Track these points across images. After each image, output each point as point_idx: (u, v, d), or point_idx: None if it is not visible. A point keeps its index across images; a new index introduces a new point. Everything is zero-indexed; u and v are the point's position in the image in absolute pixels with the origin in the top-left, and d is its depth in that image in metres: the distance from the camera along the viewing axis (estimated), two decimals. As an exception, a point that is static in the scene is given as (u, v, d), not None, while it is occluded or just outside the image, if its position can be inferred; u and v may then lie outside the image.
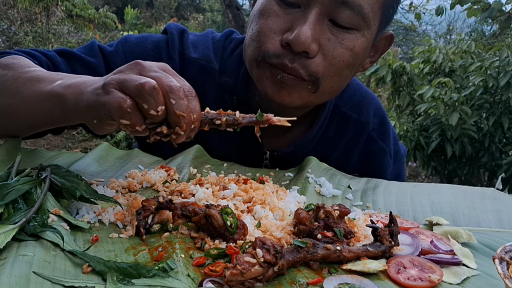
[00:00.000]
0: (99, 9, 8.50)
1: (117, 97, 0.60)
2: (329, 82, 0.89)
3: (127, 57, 1.01)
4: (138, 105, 0.60)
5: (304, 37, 0.82)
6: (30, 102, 0.77)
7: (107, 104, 0.60)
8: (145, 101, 0.60)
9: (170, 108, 0.61)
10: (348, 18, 0.84)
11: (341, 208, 0.67)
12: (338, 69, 0.88)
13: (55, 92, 0.72)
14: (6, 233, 0.56)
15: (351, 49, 0.87)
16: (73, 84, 0.70)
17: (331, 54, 0.86)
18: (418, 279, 0.58)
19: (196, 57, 1.02)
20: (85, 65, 0.98)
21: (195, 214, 0.67)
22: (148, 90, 0.59)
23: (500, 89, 3.55)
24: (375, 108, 1.14)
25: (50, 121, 0.79)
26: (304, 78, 0.87)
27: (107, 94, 0.61)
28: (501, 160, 3.65)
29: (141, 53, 1.01)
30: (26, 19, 8.03)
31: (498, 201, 0.87)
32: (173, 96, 0.61)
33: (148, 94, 0.59)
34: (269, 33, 0.86)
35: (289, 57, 0.85)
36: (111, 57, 1.00)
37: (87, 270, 0.53)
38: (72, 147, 5.28)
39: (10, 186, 0.64)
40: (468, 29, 9.08)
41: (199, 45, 1.04)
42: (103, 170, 0.90)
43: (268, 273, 0.55)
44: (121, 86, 0.61)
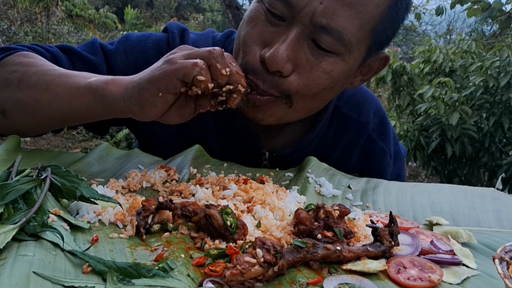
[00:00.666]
0: (99, 9, 8.50)
1: (189, 61, 0.69)
2: (302, 101, 0.88)
3: (128, 55, 1.01)
4: (211, 66, 0.71)
5: (279, 57, 0.80)
6: (65, 98, 0.79)
7: (181, 68, 0.69)
8: (218, 62, 0.71)
9: (232, 68, 0.73)
10: (328, 42, 0.81)
11: (341, 208, 0.67)
12: (312, 90, 0.86)
13: (95, 86, 0.76)
14: (6, 233, 0.56)
15: (328, 73, 0.84)
16: (114, 78, 0.77)
17: (307, 75, 0.84)
18: (418, 279, 0.58)
19: None
20: (85, 63, 0.99)
21: (195, 214, 0.67)
22: (218, 53, 0.71)
23: (501, 89, 3.55)
24: (375, 108, 1.14)
25: (86, 115, 0.83)
26: (276, 96, 0.85)
27: (175, 63, 0.70)
28: (501, 160, 3.65)
29: (142, 51, 1.01)
30: (26, 19, 8.03)
31: (498, 201, 0.87)
32: (230, 61, 0.74)
33: (219, 56, 0.71)
34: (251, 44, 0.85)
35: (262, 76, 0.83)
36: (112, 56, 1.01)
37: (87, 270, 0.53)
38: (72, 147, 5.29)
39: (10, 186, 0.64)
40: (468, 29, 9.08)
41: (200, 44, 1.04)
42: (103, 170, 0.90)
43: (268, 273, 0.55)
44: (188, 57, 0.71)
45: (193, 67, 0.69)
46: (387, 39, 0.89)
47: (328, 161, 1.04)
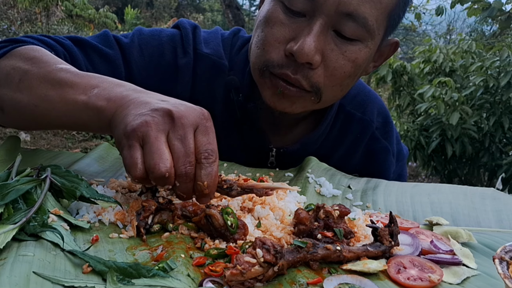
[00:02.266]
0: (99, 9, 8.50)
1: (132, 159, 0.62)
2: (331, 92, 0.90)
3: (143, 49, 1.00)
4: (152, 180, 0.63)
5: (308, 48, 0.81)
6: (62, 110, 0.75)
7: (124, 158, 0.63)
8: (153, 180, 0.62)
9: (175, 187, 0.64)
10: (353, 30, 0.83)
11: (341, 208, 0.67)
12: (340, 80, 0.88)
13: (92, 105, 0.71)
14: (6, 233, 0.56)
15: (353, 61, 0.86)
16: (112, 98, 0.70)
17: (333, 65, 0.86)
18: (418, 279, 0.58)
19: (208, 53, 1.02)
20: (103, 57, 0.97)
21: (195, 214, 0.67)
22: (157, 176, 0.61)
23: (501, 89, 3.55)
24: (378, 107, 1.15)
25: (81, 128, 0.80)
26: (306, 90, 0.87)
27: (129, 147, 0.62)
28: (501, 160, 3.65)
29: (156, 45, 1.01)
30: (26, 19, 8.03)
31: (498, 201, 0.87)
32: (179, 180, 0.63)
33: (157, 179, 0.62)
34: (274, 42, 0.86)
35: (292, 68, 0.85)
36: (127, 49, 0.99)
37: (87, 270, 0.53)
38: (72, 147, 5.29)
39: (10, 186, 0.64)
40: (468, 29, 9.08)
41: (210, 41, 1.05)
42: (103, 170, 0.90)
43: (268, 273, 0.55)
44: (144, 144, 0.62)
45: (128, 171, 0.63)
46: (399, 21, 0.92)
47: (332, 159, 1.05)
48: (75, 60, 0.94)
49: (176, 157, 0.62)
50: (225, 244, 0.63)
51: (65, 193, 0.68)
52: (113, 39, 1.00)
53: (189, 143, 0.63)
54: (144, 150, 0.62)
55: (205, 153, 0.63)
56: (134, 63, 0.99)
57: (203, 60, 1.02)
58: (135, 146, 0.62)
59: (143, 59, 1.00)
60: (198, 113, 0.65)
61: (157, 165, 0.60)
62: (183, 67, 1.00)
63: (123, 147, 0.63)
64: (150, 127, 0.62)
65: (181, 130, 0.63)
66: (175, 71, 1.01)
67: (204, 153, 0.63)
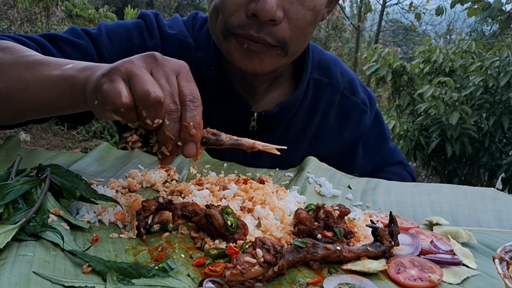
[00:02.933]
0: (99, 9, 8.50)
1: (116, 90, 0.58)
2: (297, 43, 0.94)
3: (111, 36, 1.04)
4: (137, 108, 0.59)
5: (269, 6, 0.84)
6: (36, 86, 0.74)
7: (105, 93, 0.58)
8: (146, 110, 0.59)
9: (162, 127, 0.61)
10: None
11: (341, 208, 0.67)
12: (303, 30, 0.92)
13: (67, 75, 0.70)
14: (6, 233, 0.56)
15: (312, 9, 0.90)
16: (87, 67, 0.69)
17: (296, 17, 0.89)
18: (418, 279, 0.58)
19: (174, 33, 1.07)
20: (75, 47, 0.99)
21: (195, 214, 0.67)
22: (153, 101, 0.58)
23: (500, 89, 3.54)
24: (340, 68, 1.21)
25: (56, 106, 0.77)
26: (272, 45, 0.90)
27: (110, 81, 0.59)
28: (501, 160, 3.65)
29: (123, 32, 1.05)
30: (26, 19, 8.03)
31: (498, 201, 0.87)
32: (169, 117, 0.60)
33: (151, 105, 0.58)
34: (233, 6, 0.88)
35: (254, 28, 0.87)
36: (97, 38, 1.02)
37: (87, 270, 0.53)
38: (72, 147, 5.29)
39: (10, 186, 0.64)
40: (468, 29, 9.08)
41: (173, 24, 1.09)
42: (103, 170, 0.90)
43: (268, 273, 0.55)
44: (129, 78, 0.59)
45: (112, 103, 0.58)
46: None
47: (312, 125, 1.13)
48: (48, 54, 0.95)
49: (164, 94, 0.60)
50: (225, 244, 0.63)
51: (65, 193, 0.68)
52: (81, 31, 1.03)
53: (174, 83, 0.62)
54: (131, 82, 0.59)
55: (190, 95, 0.62)
56: (105, 50, 1.02)
57: (170, 40, 1.06)
58: (117, 79, 0.59)
59: (113, 45, 1.03)
60: (180, 62, 0.65)
61: (152, 90, 0.58)
62: (152, 49, 1.03)
63: (102, 84, 0.59)
64: (133, 64, 0.61)
65: (165, 71, 0.62)
66: None
67: (189, 95, 0.62)
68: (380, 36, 9.33)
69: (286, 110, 1.09)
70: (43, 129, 5.69)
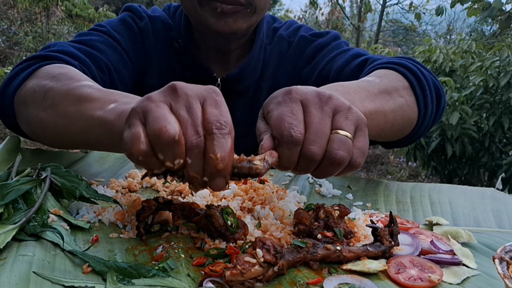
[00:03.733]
0: (98, 8, 8.50)
1: (134, 136, 0.52)
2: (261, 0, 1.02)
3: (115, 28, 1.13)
4: (154, 151, 0.52)
5: None
6: (79, 126, 0.72)
7: (124, 142, 0.53)
8: (161, 152, 0.52)
9: (186, 166, 0.53)
10: None
11: (341, 208, 0.67)
12: None
13: (106, 119, 0.66)
14: (6, 233, 0.56)
15: None
16: (125, 111, 0.62)
17: None
18: (418, 279, 0.58)
19: (158, 15, 1.18)
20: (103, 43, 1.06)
21: (195, 214, 0.67)
22: (166, 140, 0.50)
23: (501, 89, 3.54)
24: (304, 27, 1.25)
25: (98, 146, 0.77)
26: (242, 4, 0.99)
27: (129, 127, 0.53)
28: (501, 160, 3.65)
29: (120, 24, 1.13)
30: (26, 19, 8.03)
31: (498, 201, 0.87)
32: (190, 154, 0.52)
33: (166, 145, 0.51)
34: None
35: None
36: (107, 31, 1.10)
37: (87, 270, 0.53)
38: (72, 147, 5.28)
39: (10, 186, 0.64)
40: (468, 29, 9.08)
41: (155, 10, 1.21)
42: (103, 170, 0.90)
43: (268, 273, 0.55)
44: (145, 119, 0.53)
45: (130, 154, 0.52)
46: None
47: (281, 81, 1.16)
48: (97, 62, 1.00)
49: (184, 127, 0.52)
50: (225, 244, 0.63)
51: (65, 193, 0.68)
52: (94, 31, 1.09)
53: (196, 112, 0.54)
54: (146, 121, 0.53)
55: (217, 123, 0.53)
56: (119, 39, 1.10)
57: (156, 21, 1.16)
58: (135, 123, 0.53)
59: (120, 34, 1.11)
60: (205, 87, 0.57)
61: (164, 128, 0.50)
62: (144, 29, 1.14)
63: (123, 131, 0.54)
64: (150, 100, 0.54)
65: (186, 101, 0.54)
66: (140, 36, 1.14)
67: (215, 123, 0.53)
68: (380, 36, 9.33)
69: (248, 71, 1.14)
70: (43, 129, 5.68)
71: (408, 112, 0.89)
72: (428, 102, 0.92)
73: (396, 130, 0.90)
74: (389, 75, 0.91)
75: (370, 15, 9.36)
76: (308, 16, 11.22)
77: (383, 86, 0.85)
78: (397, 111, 0.85)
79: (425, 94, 0.92)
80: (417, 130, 0.95)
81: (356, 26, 8.63)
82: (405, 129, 0.93)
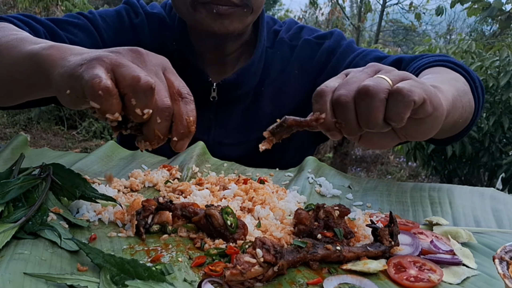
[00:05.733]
0: (98, 8, 8.50)
1: (95, 74, 0.52)
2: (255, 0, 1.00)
3: (104, 17, 1.11)
4: (125, 96, 0.54)
5: None
6: (9, 64, 0.72)
7: (85, 78, 0.52)
8: (136, 97, 0.53)
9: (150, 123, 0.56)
10: None
11: (341, 208, 0.67)
12: None
13: (34, 52, 0.66)
14: (6, 232, 0.56)
15: None
16: (55, 46, 0.64)
17: None
18: (418, 279, 0.58)
19: (155, 12, 1.16)
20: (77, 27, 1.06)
21: (195, 214, 0.67)
22: (144, 86, 0.53)
23: (501, 89, 3.54)
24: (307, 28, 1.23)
25: (26, 85, 0.72)
26: (237, 4, 0.97)
27: (90, 68, 0.53)
28: (501, 160, 3.64)
29: (114, 14, 1.12)
30: (26, 19, 8.04)
31: (498, 201, 0.87)
32: (160, 115, 0.55)
33: (143, 91, 0.53)
34: None
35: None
36: (92, 18, 1.10)
37: (82, 269, 0.54)
38: (72, 147, 5.29)
39: (11, 184, 0.64)
40: (468, 29, 9.08)
41: (154, 6, 1.19)
42: (107, 169, 0.91)
43: (268, 273, 0.55)
44: (114, 69, 0.54)
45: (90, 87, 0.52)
46: None
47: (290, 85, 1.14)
48: (55, 36, 0.99)
49: (158, 86, 0.56)
50: (225, 244, 0.63)
51: (66, 192, 0.68)
52: (77, 14, 1.10)
53: (163, 78, 0.58)
54: (117, 72, 0.54)
55: (185, 90, 0.59)
56: (102, 29, 1.09)
57: (153, 18, 1.14)
58: (99, 67, 0.53)
59: (108, 25, 1.10)
60: (162, 57, 0.62)
61: (143, 76, 0.53)
62: (139, 26, 1.12)
63: (81, 72, 0.53)
64: (119, 55, 0.56)
65: (152, 66, 0.58)
66: (133, 32, 1.12)
67: (183, 88, 0.59)
68: (380, 36, 9.32)
69: (246, 76, 1.11)
70: (43, 129, 5.69)
71: (471, 99, 0.90)
72: (480, 94, 0.94)
73: (465, 117, 0.90)
74: (443, 71, 0.91)
75: (370, 15, 9.35)
76: (308, 16, 11.21)
77: (447, 76, 0.88)
78: (465, 97, 0.86)
79: (476, 86, 0.93)
80: (473, 122, 0.95)
81: (356, 26, 8.62)
82: (469, 118, 0.93)
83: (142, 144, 0.58)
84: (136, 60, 0.57)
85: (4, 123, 5.55)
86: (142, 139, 0.58)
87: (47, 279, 0.49)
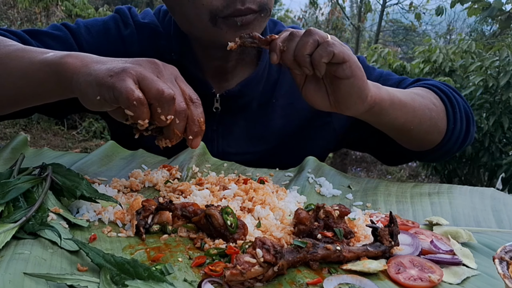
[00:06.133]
0: (98, 8, 8.50)
1: (129, 87, 0.62)
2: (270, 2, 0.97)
3: (89, 28, 1.07)
4: (152, 106, 0.65)
5: None
6: (18, 72, 0.76)
7: (118, 89, 0.62)
8: (161, 106, 0.64)
9: (171, 124, 0.67)
10: None
11: (341, 208, 0.67)
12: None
13: (51, 61, 0.73)
14: (6, 233, 0.56)
15: None
16: (73, 54, 0.72)
17: None
18: (418, 279, 0.58)
19: (147, 22, 1.11)
20: (55, 39, 1.02)
21: (195, 214, 0.67)
22: (167, 98, 0.64)
23: (500, 89, 3.54)
24: None
25: (40, 92, 0.77)
26: (256, 10, 0.93)
27: (121, 80, 0.63)
28: (501, 160, 3.64)
29: (101, 24, 1.09)
30: (26, 19, 8.02)
31: (498, 201, 0.87)
32: (179, 116, 0.67)
33: (166, 102, 0.64)
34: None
35: (238, 1, 0.90)
36: (75, 30, 1.05)
37: (82, 269, 0.54)
38: (72, 147, 5.29)
39: (11, 184, 0.64)
40: (468, 29, 9.08)
41: (145, 15, 1.14)
42: (107, 169, 0.91)
43: (268, 273, 0.55)
44: (140, 81, 0.64)
45: (126, 98, 0.62)
46: None
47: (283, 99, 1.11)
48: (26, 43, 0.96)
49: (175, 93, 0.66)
50: (225, 244, 0.63)
51: (66, 192, 0.68)
52: (60, 25, 1.06)
53: (177, 86, 0.69)
54: (142, 84, 0.64)
55: (194, 95, 0.71)
56: (84, 41, 1.05)
57: (144, 29, 1.10)
58: (128, 80, 0.63)
59: (92, 36, 1.06)
60: (172, 67, 0.73)
61: (166, 89, 0.64)
62: (128, 37, 1.08)
63: (113, 83, 0.63)
64: (142, 67, 0.66)
65: (167, 75, 0.69)
66: (122, 44, 1.08)
67: (193, 95, 0.71)
68: (380, 36, 9.33)
69: (249, 88, 1.08)
70: (43, 129, 5.69)
71: (436, 117, 0.98)
72: (457, 119, 1.01)
73: (424, 131, 0.98)
74: (418, 90, 1.02)
75: (370, 15, 9.36)
76: (308, 16, 11.21)
77: (416, 91, 0.99)
78: (426, 112, 0.96)
79: (455, 111, 1.01)
80: (446, 143, 1.02)
81: (356, 26, 8.62)
82: (433, 135, 1.01)
83: (162, 142, 0.70)
84: (155, 71, 0.68)
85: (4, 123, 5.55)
86: (163, 137, 0.70)
87: (47, 279, 0.49)
